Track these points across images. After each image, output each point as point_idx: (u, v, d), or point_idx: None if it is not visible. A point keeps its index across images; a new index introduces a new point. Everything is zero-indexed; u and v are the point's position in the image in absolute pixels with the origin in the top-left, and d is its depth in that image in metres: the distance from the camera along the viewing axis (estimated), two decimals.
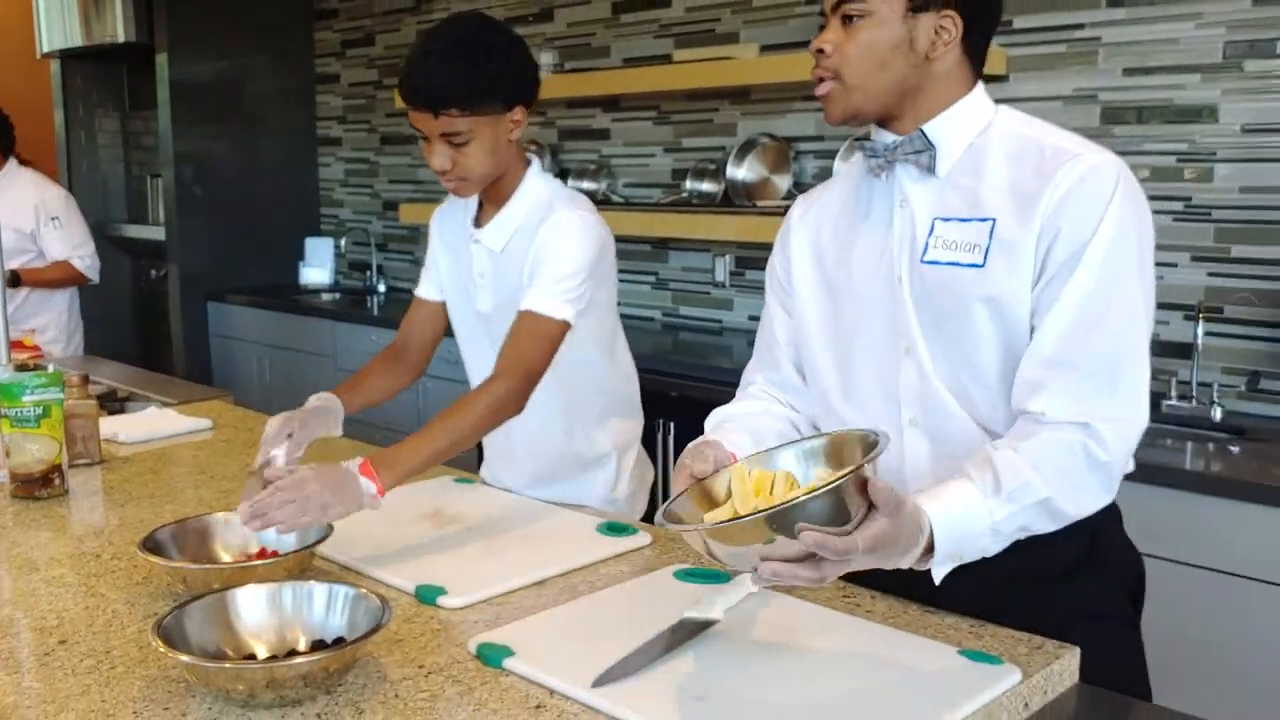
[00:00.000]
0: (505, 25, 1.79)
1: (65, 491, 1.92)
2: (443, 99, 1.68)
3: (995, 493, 1.19)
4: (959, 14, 1.30)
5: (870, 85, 1.31)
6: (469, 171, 1.74)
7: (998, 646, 1.27)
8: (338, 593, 1.26)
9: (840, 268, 1.43)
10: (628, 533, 1.66)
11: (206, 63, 5.10)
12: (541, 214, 1.80)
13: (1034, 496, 1.20)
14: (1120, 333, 1.24)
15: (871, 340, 1.39)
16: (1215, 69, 2.71)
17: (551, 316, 1.74)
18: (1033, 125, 1.34)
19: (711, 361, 3.41)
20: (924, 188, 1.35)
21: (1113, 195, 1.24)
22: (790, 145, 3.56)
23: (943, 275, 1.32)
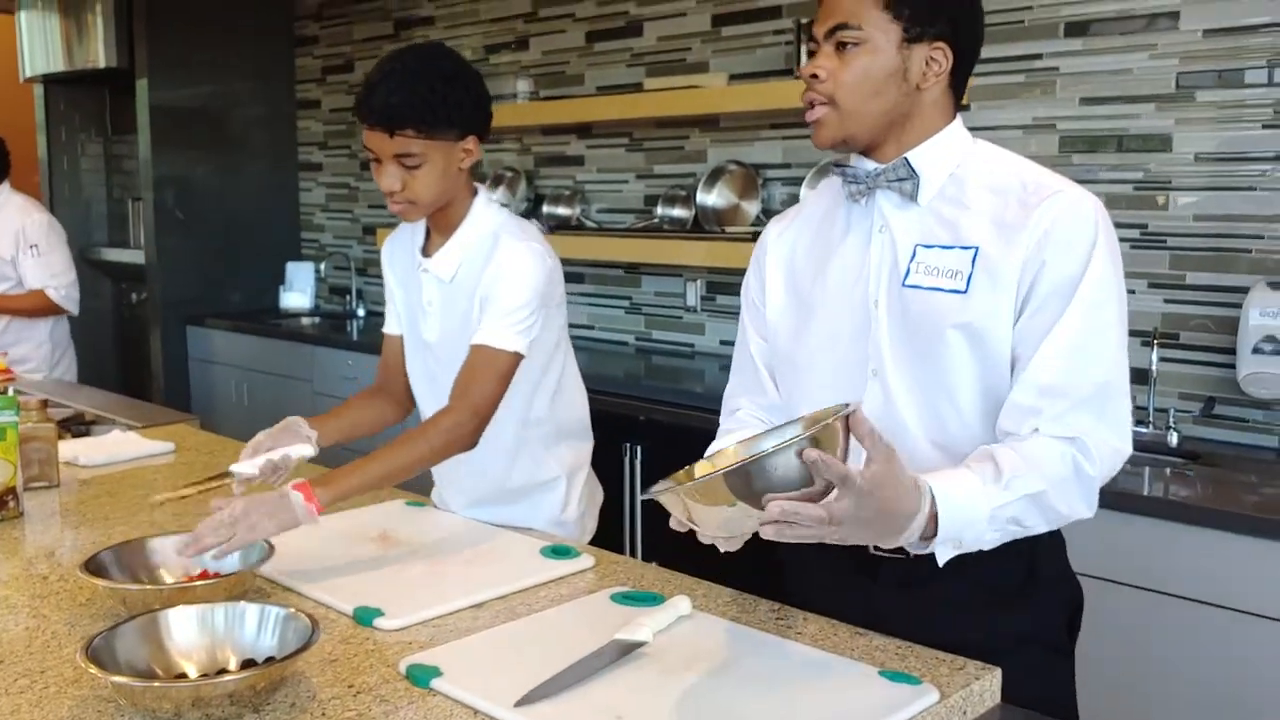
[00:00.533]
0: (464, 59, 1.83)
1: (20, 514, 1.94)
2: (400, 119, 1.71)
3: (995, 480, 1.23)
4: (950, 46, 1.35)
5: (863, 112, 1.35)
6: (418, 195, 1.77)
7: (920, 667, 1.29)
8: (269, 613, 1.28)
9: (813, 287, 1.46)
10: (570, 556, 1.68)
11: (187, 87, 5.14)
12: (490, 243, 1.83)
13: (1031, 488, 1.24)
14: (1109, 363, 1.29)
15: (838, 359, 1.43)
16: (1169, 99, 2.75)
17: (503, 349, 1.77)
18: (1010, 160, 1.39)
19: (683, 385, 3.44)
20: (905, 214, 1.39)
21: (1097, 232, 1.30)
22: (758, 172, 3.61)
23: (924, 300, 1.35)
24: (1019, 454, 1.25)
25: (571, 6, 4.16)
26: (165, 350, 5.19)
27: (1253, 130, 2.62)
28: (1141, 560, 2.23)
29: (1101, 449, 1.28)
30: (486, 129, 1.82)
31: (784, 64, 3.48)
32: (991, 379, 1.33)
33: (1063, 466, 1.26)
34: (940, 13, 1.34)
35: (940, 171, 1.38)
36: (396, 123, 1.70)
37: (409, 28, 4.89)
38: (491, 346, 1.76)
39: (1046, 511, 1.27)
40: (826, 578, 1.51)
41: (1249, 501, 2.23)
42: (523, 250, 1.81)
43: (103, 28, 5.10)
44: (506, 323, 1.77)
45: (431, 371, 1.94)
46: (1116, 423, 1.30)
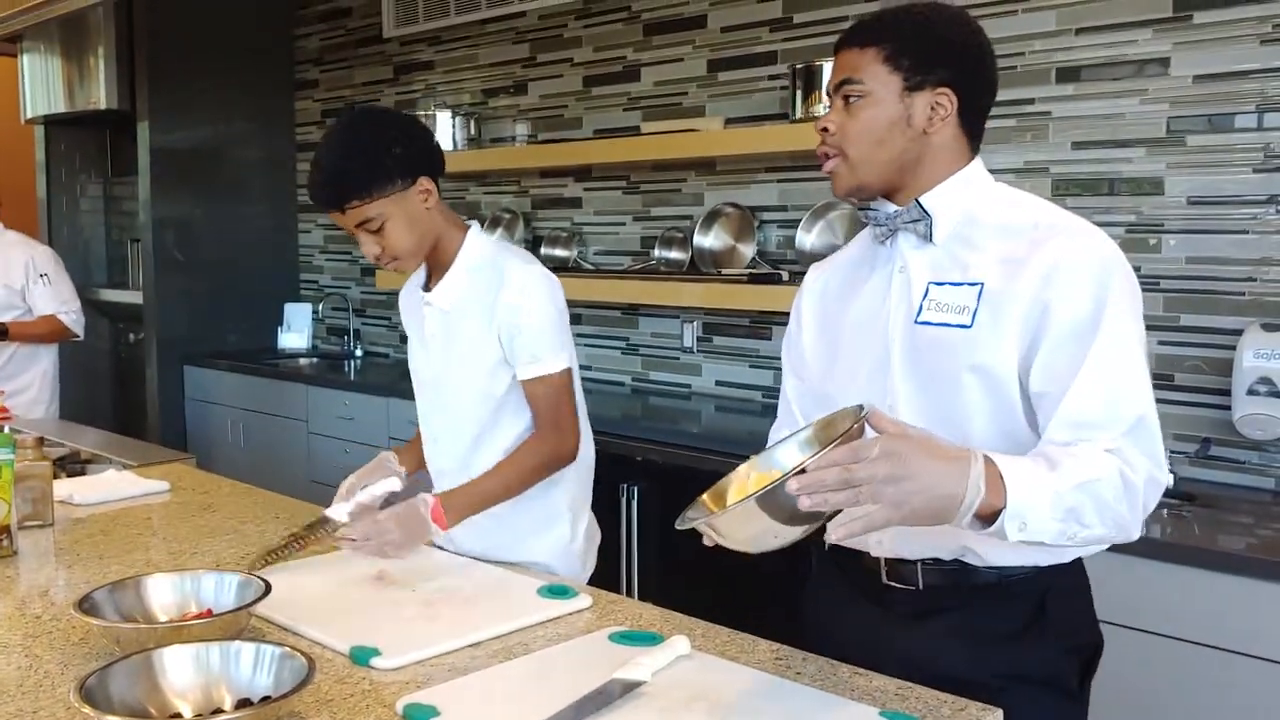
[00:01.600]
0: (389, 111, 1.90)
1: (14, 553, 1.93)
2: (340, 195, 1.78)
3: (1050, 468, 1.20)
4: (953, 91, 1.38)
5: (871, 161, 1.39)
6: (397, 250, 1.84)
7: (920, 708, 1.28)
8: (265, 652, 1.27)
9: (840, 326, 1.51)
10: (568, 595, 1.68)
11: (187, 130, 5.18)
12: (491, 271, 1.89)
13: (1086, 475, 1.21)
14: (1142, 398, 1.29)
15: (859, 396, 1.43)
16: (1160, 143, 2.79)
17: (553, 372, 1.87)
18: (1028, 202, 1.41)
19: (680, 426, 3.44)
20: (922, 254, 1.42)
21: (1109, 270, 1.31)
22: (754, 215, 3.63)
23: (934, 336, 1.38)
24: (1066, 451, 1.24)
25: (570, 52, 4.21)
26: (162, 390, 5.19)
27: (1243, 174, 2.65)
28: (1136, 602, 2.22)
29: (1143, 477, 1.26)
30: (434, 165, 1.87)
31: (779, 108, 3.52)
32: (1001, 413, 1.35)
33: (1111, 468, 1.24)
34: (939, 61, 1.38)
35: (954, 211, 1.41)
36: (339, 199, 1.79)
37: (409, 72, 4.94)
38: (546, 374, 1.87)
39: (1103, 508, 1.22)
40: (836, 606, 1.52)
41: (1246, 542, 2.23)
42: (531, 273, 1.88)
43: (104, 70, 5.15)
44: (544, 346, 1.86)
45: (429, 400, 1.99)
46: (1154, 454, 1.28)
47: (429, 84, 4.84)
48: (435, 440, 1.99)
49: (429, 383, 1.97)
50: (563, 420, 1.88)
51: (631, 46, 4.00)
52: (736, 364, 3.74)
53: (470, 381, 1.91)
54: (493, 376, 1.89)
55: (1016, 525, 1.18)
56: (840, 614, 1.53)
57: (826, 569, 1.58)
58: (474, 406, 1.92)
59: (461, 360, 1.90)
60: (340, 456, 4.45)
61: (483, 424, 1.92)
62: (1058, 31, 2.95)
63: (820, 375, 1.54)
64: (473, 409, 1.92)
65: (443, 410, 1.96)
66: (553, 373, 1.87)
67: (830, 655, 1.44)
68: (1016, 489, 1.17)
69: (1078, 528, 1.22)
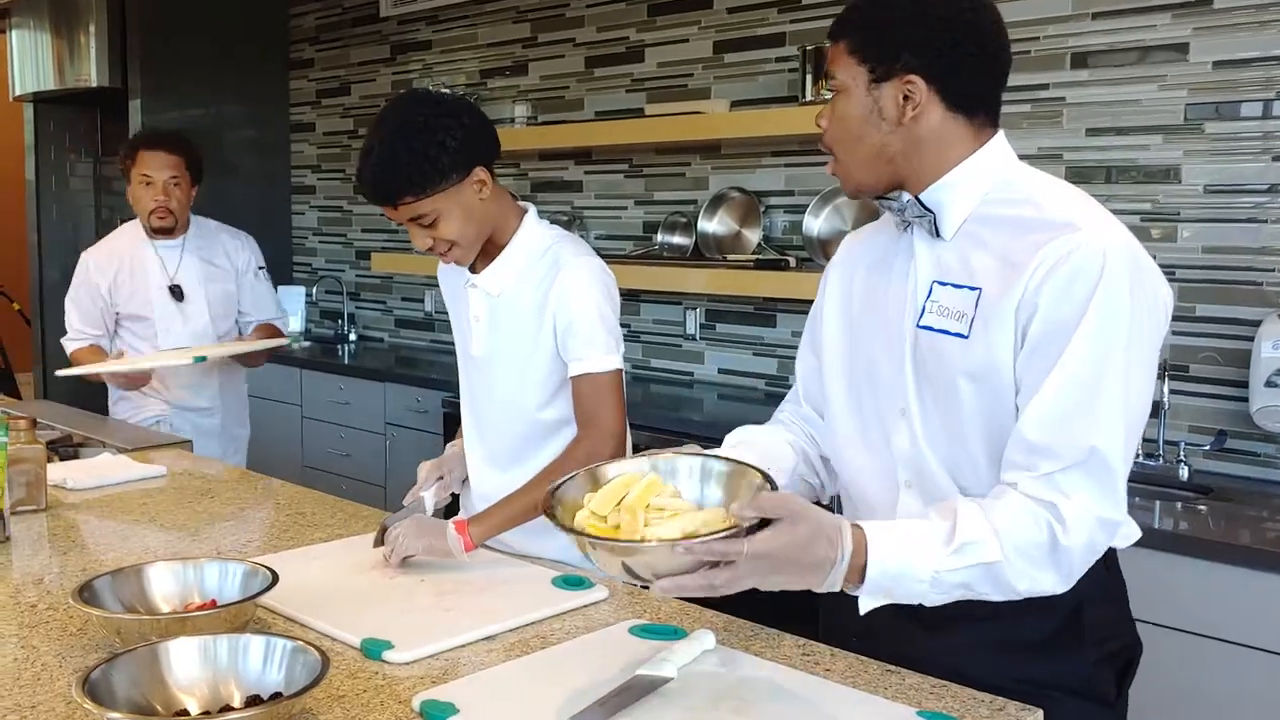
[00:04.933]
0: (440, 96, 1.79)
1: (6, 538, 1.86)
2: (392, 192, 1.70)
3: (948, 543, 1.17)
4: (923, 77, 1.28)
5: (854, 157, 1.33)
6: (452, 242, 1.76)
7: (958, 708, 1.24)
8: (275, 646, 1.22)
9: (862, 316, 1.43)
10: (584, 586, 1.62)
11: (180, 109, 5.09)
12: (546, 262, 1.82)
13: (984, 558, 1.17)
14: (1107, 425, 1.19)
15: (878, 395, 1.39)
16: (1177, 130, 2.74)
17: (603, 371, 1.79)
18: (1045, 190, 1.29)
19: (681, 414, 3.38)
20: (931, 250, 1.34)
21: (1103, 275, 1.19)
22: (760, 199, 3.58)
23: (933, 342, 1.30)
24: (986, 516, 1.18)
25: (571, 32, 4.14)
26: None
27: (1263, 162, 2.60)
28: (1150, 594, 2.18)
29: (1083, 518, 1.18)
30: (489, 153, 1.78)
31: (788, 91, 3.46)
32: (998, 422, 1.27)
33: (1036, 534, 1.18)
34: (899, 48, 1.28)
35: (963, 204, 1.30)
36: (390, 197, 1.71)
37: (405, 51, 4.86)
38: (593, 372, 1.79)
39: (1000, 585, 1.19)
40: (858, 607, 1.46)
41: (1263, 536, 2.19)
42: (583, 267, 1.81)
43: (95, 46, 5.05)
44: (596, 344, 1.79)
45: (473, 385, 1.93)
46: (1107, 490, 1.20)
47: (426, 64, 4.76)
48: (484, 426, 1.91)
49: (476, 360, 1.89)
50: (606, 423, 1.78)
51: (635, 26, 3.93)
52: (740, 351, 3.69)
53: (519, 370, 1.84)
54: (545, 368, 1.83)
55: (879, 598, 1.21)
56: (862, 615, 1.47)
57: None
58: (522, 395, 1.85)
59: (510, 348, 1.84)
60: (335, 441, 4.39)
61: (532, 415, 1.85)
62: (1072, 16, 2.90)
63: (835, 358, 1.46)
64: (521, 397, 1.85)
65: (490, 395, 1.89)
66: (599, 371, 1.79)
67: None
68: (882, 573, 1.17)
69: (971, 594, 1.21)
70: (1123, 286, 1.20)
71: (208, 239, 3.21)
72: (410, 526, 1.70)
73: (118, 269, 3.11)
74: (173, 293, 3.09)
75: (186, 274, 3.13)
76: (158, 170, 3.02)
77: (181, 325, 3.11)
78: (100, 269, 3.11)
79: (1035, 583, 1.20)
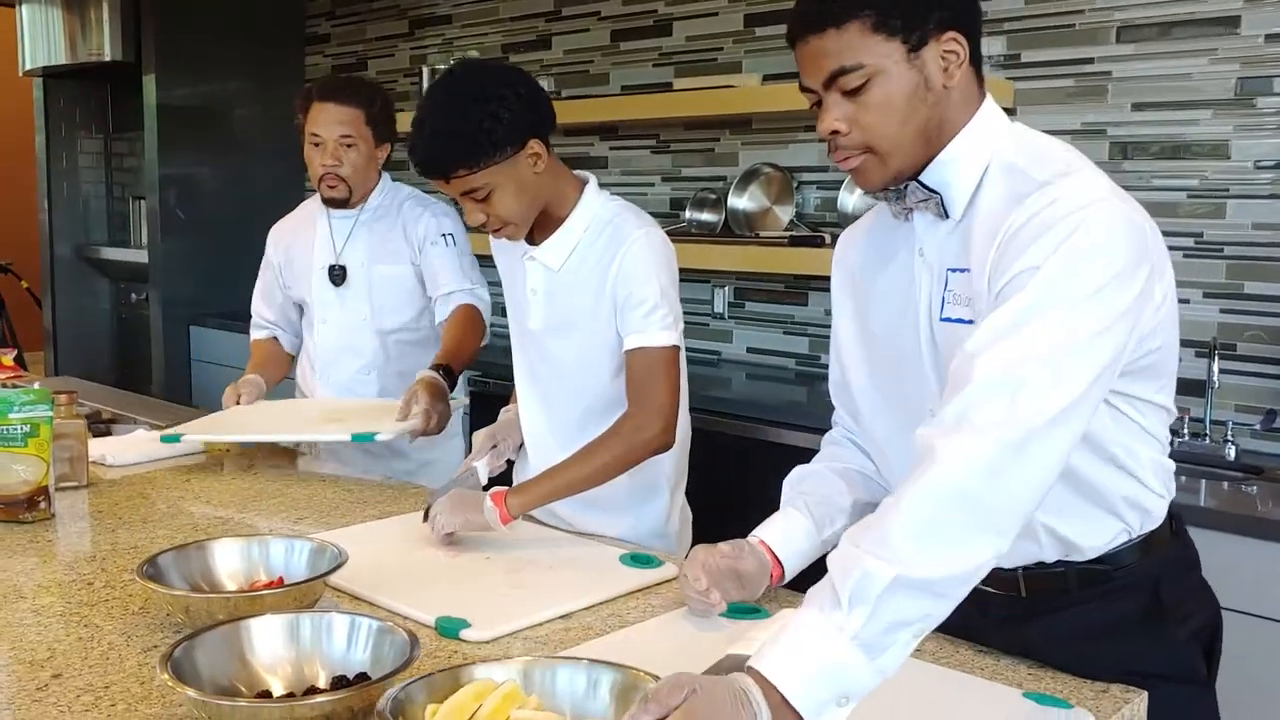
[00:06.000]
0: (496, 67, 1.75)
1: (51, 515, 1.82)
2: (444, 165, 1.66)
3: (835, 604, 0.99)
4: (959, 30, 1.19)
5: (901, 144, 1.19)
6: (505, 217, 1.72)
7: (1060, 690, 1.20)
8: (360, 625, 1.18)
9: (872, 315, 1.35)
10: (653, 564, 1.59)
11: (194, 85, 5.02)
12: (609, 234, 1.77)
13: (879, 584, 0.98)
14: (1040, 340, 1.05)
15: (905, 395, 1.32)
16: (1227, 105, 2.69)
17: (657, 346, 1.73)
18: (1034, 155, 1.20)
19: (710, 393, 3.34)
20: (938, 234, 1.24)
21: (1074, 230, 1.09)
22: (793, 176, 3.52)
23: (954, 334, 1.20)
24: (859, 543, 1.02)
25: (596, 5, 4.07)
26: (167, 350, 5.06)
27: None
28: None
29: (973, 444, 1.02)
30: (544, 125, 1.73)
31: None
32: None
33: (921, 511, 1.01)
34: (928, 6, 1.18)
35: (967, 176, 1.20)
36: (443, 170, 1.67)
37: (424, 26, 4.79)
38: (646, 347, 1.73)
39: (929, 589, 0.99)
40: None
41: None
42: (645, 239, 1.75)
43: (108, 19, 4.97)
44: (653, 320, 1.73)
45: (531, 361, 1.88)
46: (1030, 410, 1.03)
47: (446, 38, 4.69)
48: (548, 401, 1.87)
49: (534, 334, 1.85)
50: (655, 400, 1.72)
51: (663, 0, 3.86)
52: (770, 330, 3.64)
53: (581, 344, 1.80)
54: (608, 342, 1.78)
55: (834, 709, 0.99)
56: None
57: None
58: (585, 369, 1.81)
59: (570, 322, 1.79)
60: None
61: (595, 390, 1.81)
62: None
63: (855, 364, 1.39)
64: (583, 372, 1.81)
65: (551, 370, 1.84)
66: (654, 346, 1.73)
67: None
68: (806, 692, 0.97)
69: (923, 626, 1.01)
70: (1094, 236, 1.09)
71: (388, 210, 2.51)
72: (447, 502, 1.67)
73: (290, 243, 2.60)
74: (332, 275, 2.49)
75: (353, 253, 2.48)
76: (328, 128, 2.40)
77: (340, 315, 2.49)
78: (276, 242, 2.63)
79: (960, 559, 1.01)
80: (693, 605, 1.38)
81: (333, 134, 2.38)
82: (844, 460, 1.47)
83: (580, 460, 1.71)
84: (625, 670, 1.03)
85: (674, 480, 1.90)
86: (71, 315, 5.92)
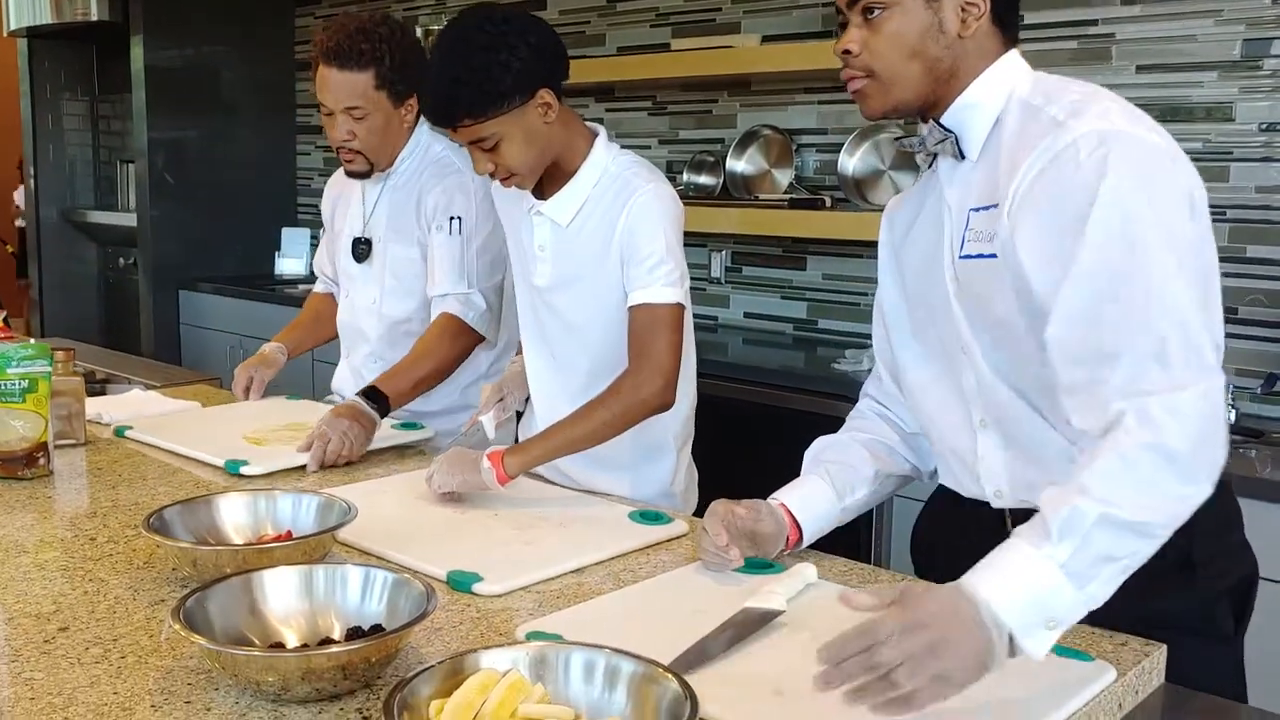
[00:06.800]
0: (510, 13, 1.68)
1: (50, 472, 1.80)
2: (451, 113, 1.63)
3: (1045, 537, 1.04)
4: None
5: (904, 76, 1.26)
6: (513, 168, 1.69)
7: (1080, 642, 1.19)
8: (375, 577, 1.16)
9: (909, 265, 1.40)
10: (662, 521, 1.58)
11: (183, 46, 4.94)
12: (618, 188, 1.74)
13: (1088, 520, 1.03)
14: (1146, 301, 1.10)
15: (942, 340, 1.35)
16: (1233, 67, 2.67)
17: (661, 303, 1.69)
18: (1050, 91, 1.23)
19: (707, 358, 3.32)
20: (958, 176, 1.30)
21: (1102, 169, 1.12)
22: (792, 138, 3.49)
23: (976, 270, 1.26)
24: (1066, 486, 1.06)
25: None
26: (156, 314, 5.02)
27: None
28: None
29: (1181, 407, 1.06)
30: (556, 74, 1.69)
31: (821, 25, 3.36)
32: None
33: (1122, 463, 1.05)
34: None
35: (983, 119, 1.26)
36: (451, 118, 1.64)
37: None
38: (649, 304, 1.70)
39: (1135, 529, 1.04)
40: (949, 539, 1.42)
41: None
42: (651, 193, 1.72)
43: None
44: (657, 275, 1.70)
45: (539, 318, 1.85)
46: (1186, 365, 1.08)
47: (467, 5, 4.63)
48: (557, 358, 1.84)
49: (541, 291, 1.81)
50: (656, 358, 1.67)
51: None
52: (768, 295, 3.62)
53: (589, 301, 1.77)
54: (614, 302, 1.75)
55: (1044, 632, 1.02)
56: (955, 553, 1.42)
57: (941, 505, 1.47)
58: (594, 326, 1.78)
59: (579, 277, 1.76)
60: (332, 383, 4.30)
61: (605, 347, 1.78)
62: None
63: (897, 320, 1.43)
64: (592, 329, 1.78)
65: (560, 327, 1.82)
66: (658, 303, 1.69)
67: None
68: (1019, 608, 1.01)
69: (1130, 563, 1.05)
70: (1127, 170, 1.12)
71: (412, 177, 2.19)
72: (444, 462, 1.65)
73: (336, 198, 2.36)
74: (355, 249, 2.24)
75: (377, 225, 2.22)
76: (332, 96, 2.06)
77: (361, 294, 2.26)
78: (327, 195, 2.41)
79: (1165, 507, 1.06)
80: (708, 560, 1.37)
81: (339, 105, 2.07)
82: (869, 432, 1.50)
83: (579, 419, 1.68)
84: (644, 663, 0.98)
85: (681, 440, 1.88)
86: (58, 279, 5.86)
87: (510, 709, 0.95)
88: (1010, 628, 1.00)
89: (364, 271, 2.25)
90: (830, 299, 3.46)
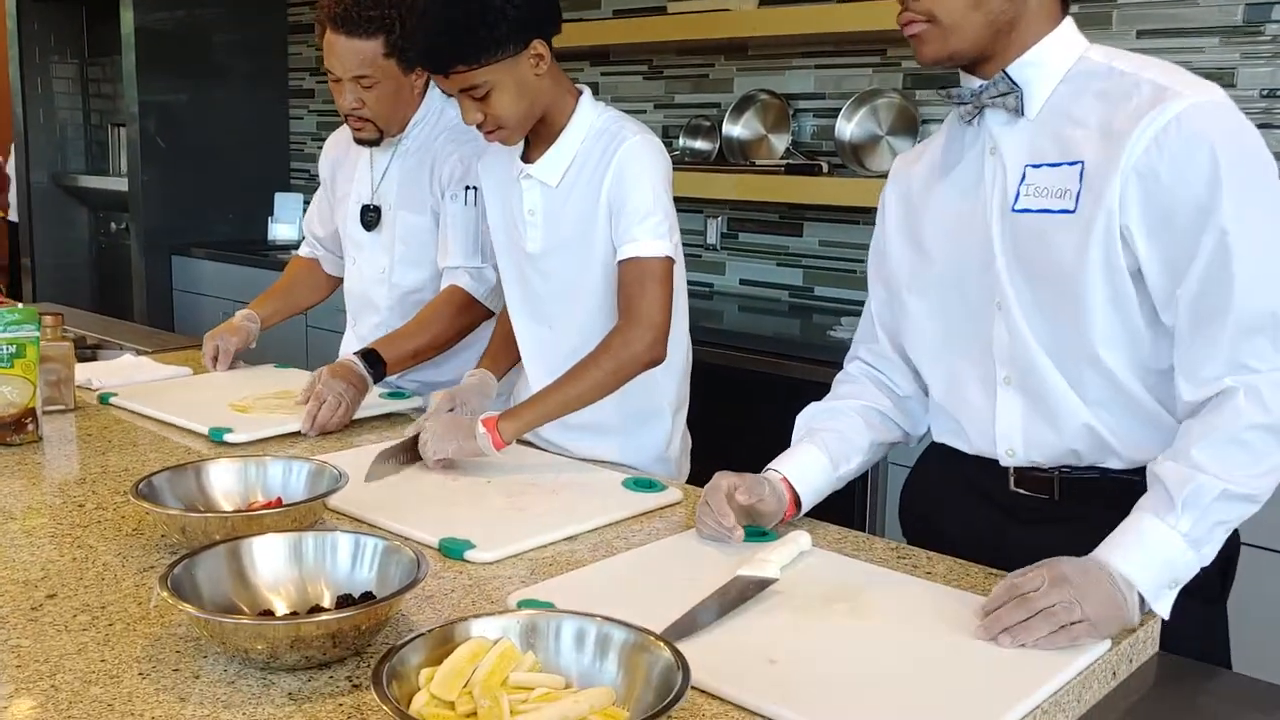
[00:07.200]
0: None
1: (39, 438, 1.78)
2: (442, 60, 1.60)
3: (1169, 508, 1.15)
4: None
5: (965, 24, 1.25)
6: (501, 120, 1.66)
7: None
8: (365, 544, 1.15)
9: (931, 219, 1.39)
10: (655, 489, 1.57)
11: (173, 8, 4.87)
12: (604, 143, 1.71)
13: (1209, 495, 1.14)
14: (1270, 277, 1.16)
15: (966, 293, 1.34)
16: (1234, 32, 2.64)
17: (651, 256, 1.67)
18: (1128, 60, 1.26)
19: (701, 324, 3.30)
20: (1014, 132, 1.29)
21: (1218, 139, 1.15)
22: (789, 103, 3.46)
23: (1034, 224, 1.26)
24: (1183, 463, 1.16)
25: None
26: (149, 279, 4.98)
27: None
28: None
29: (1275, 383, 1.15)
30: (549, 26, 1.67)
31: None
32: (1119, 305, 1.23)
33: (1233, 443, 1.15)
34: None
35: (1048, 80, 1.27)
36: (442, 64, 1.60)
37: None
38: (639, 257, 1.67)
39: (1250, 500, 1.16)
40: (944, 501, 1.42)
41: None
42: (637, 144, 1.69)
43: None
44: (645, 229, 1.67)
45: (531, 286, 1.82)
46: None
47: None
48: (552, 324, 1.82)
49: (532, 257, 1.79)
50: (645, 313, 1.65)
51: None
52: (764, 261, 3.60)
53: (583, 263, 1.75)
54: (607, 259, 1.73)
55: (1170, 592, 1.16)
56: (949, 509, 1.43)
57: (936, 463, 1.47)
58: (589, 289, 1.76)
59: (573, 239, 1.73)
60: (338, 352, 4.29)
61: (600, 309, 1.75)
62: None
63: (906, 279, 1.42)
64: (587, 291, 1.76)
65: (554, 292, 1.79)
66: (647, 256, 1.66)
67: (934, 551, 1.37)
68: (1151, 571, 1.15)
69: (1233, 525, 1.19)
70: (1240, 140, 1.18)
71: (426, 143, 2.13)
72: (438, 428, 1.63)
73: (338, 162, 2.30)
74: (364, 217, 2.19)
75: (387, 192, 2.17)
76: (340, 64, 2.00)
77: (370, 263, 2.21)
78: (326, 156, 2.34)
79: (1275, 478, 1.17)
80: (704, 531, 1.36)
81: (348, 73, 1.99)
82: (862, 398, 1.49)
83: (571, 379, 1.66)
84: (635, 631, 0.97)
85: (675, 404, 1.86)
86: (50, 245, 5.81)
87: (501, 677, 0.94)
88: (1141, 589, 1.13)
89: (373, 240, 2.19)
90: (827, 266, 3.44)
